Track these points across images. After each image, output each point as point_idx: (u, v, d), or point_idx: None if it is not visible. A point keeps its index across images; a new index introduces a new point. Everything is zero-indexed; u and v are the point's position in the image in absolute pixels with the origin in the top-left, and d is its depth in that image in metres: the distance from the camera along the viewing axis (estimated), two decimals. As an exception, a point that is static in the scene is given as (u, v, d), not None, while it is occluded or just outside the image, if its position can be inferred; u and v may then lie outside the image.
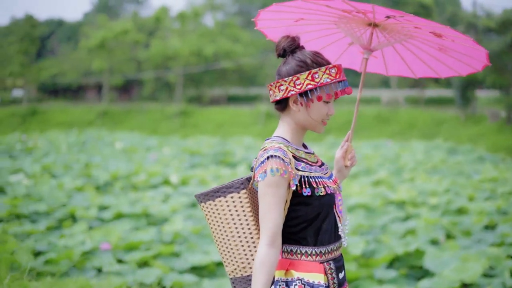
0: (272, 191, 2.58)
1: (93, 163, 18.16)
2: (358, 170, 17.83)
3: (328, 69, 2.71)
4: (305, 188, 2.66)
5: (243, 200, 2.76)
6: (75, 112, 43.48)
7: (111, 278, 6.93)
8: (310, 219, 2.68)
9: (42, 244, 8.65)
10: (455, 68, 3.26)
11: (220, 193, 2.78)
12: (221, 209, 2.79)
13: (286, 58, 2.77)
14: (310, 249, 2.69)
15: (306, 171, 2.70)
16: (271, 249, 2.57)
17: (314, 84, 2.68)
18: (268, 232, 2.58)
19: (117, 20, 49.79)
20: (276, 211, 2.59)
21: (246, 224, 2.75)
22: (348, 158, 3.08)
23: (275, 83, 2.74)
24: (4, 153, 21.22)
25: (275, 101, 2.77)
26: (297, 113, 2.75)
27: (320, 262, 2.70)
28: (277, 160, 2.59)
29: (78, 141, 26.93)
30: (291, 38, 2.77)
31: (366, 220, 10.45)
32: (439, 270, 7.21)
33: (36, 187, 13.30)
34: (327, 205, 2.71)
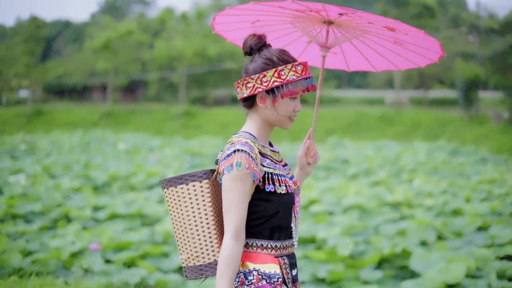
0: (237, 186, 2.62)
1: (93, 164, 18.22)
2: (358, 171, 17.84)
3: (294, 66, 2.75)
4: (268, 184, 2.71)
5: (204, 190, 2.79)
6: (80, 113, 43.61)
7: (97, 278, 6.98)
8: (268, 215, 2.73)
9: (34, 244, 8.69)
10: (413, 60, 3.28)
11: (183, 180, 2.81)
12: (182, 196, 2.81)
13: (253, 56, 2.81)
14: (266, 242, 2.74)
15: (271, 168, 2.75)
16: (236, 243, 2.61)
17: (281, 81, 2.71)
18: (233, 227, 2.62)
19: (122, 21, 49.90)
20: (241, 206, 2.63)
21: (205, 214, 2.78)
22: (310, 155, 3.10)
23: (242, 80, 2.78)
24: (6, 153, 21.33)
25: (242, 98, 2.80)
26: (264, 110, 2.78)
27: (275, 256, 2.75)
28: (244, 154, 2.64)
29: (81, 142, 27.03)
30: (257, 36, 2.82)
31: (359, 220, 10.46)
32: (424, 271, 7.21)
33: (33, 187, 13.36)
34: (286, 204, 2.75)
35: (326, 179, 16.42)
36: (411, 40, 3.10)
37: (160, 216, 10.86)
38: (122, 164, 18.06)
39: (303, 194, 12.69)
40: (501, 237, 8.70)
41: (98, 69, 46.52)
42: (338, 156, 20.75)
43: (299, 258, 8.04)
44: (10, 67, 48.56)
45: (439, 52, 3.13)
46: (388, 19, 2.84)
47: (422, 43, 3.10)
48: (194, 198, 2.79)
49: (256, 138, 2.80)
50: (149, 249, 8.15)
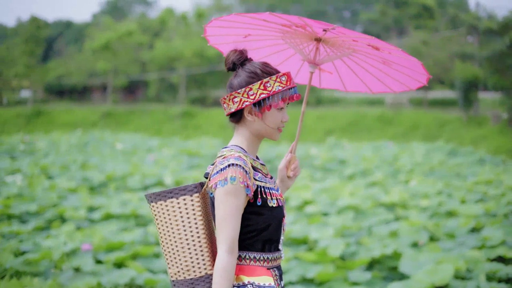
0: (231, 200, 2.64)
1: (90, 164, 18.24)
2: (354, 171, 17.85)
3: (279, 77, 2.79)
4: (259, 198, 2.74)
5: (195, 204, 2.80)
6: (80, 113, 43.68)
7: (86, 279, 7.01)
8: (260, 229, 2.76)
9: (27, 244, 8.72)
10: (403, 82, 3.33)
11: (173, 194, 2.81)
12: (172, 210, 2.81)
13: (236, 71, 2.85)
14: (258, 254, 2.77)
15: (262, 182, 2.78)
16: (231, 256, 2.63)
17: (267, 93, 2.76)
18: (227, 240, 2.63)
19: (123, 22, 50.00)
20: (235, 220, 2.65)
21: (195, 227, 2.79)
22: (291, 168, 3.13)
23: (228, 96, 2.81)
24: (5, 154, 21.33)
25: (230, 113, 2.84)
26: (252, 123, 2.83)
27: (267, 268, 2.79)
28: (238, 168, 2.66)
29: (80, 142, 27.04)
30: (239, 51, 2.86)
31: (353, 222, 10.48)
32: (413, 272, 7.23)
33: (29, 187, 13.39)
34: (277, 217, 2.80)
35: (323, 180, 16.44)
36: (396, 60, 3.14)
37: (155, 217, 10.85)
38: (119, 165, 18.08)
39: (298, 194, 12.71)
40: (494, 238, 8.72)
41: (98, 70, 46.62)
42: (335, 157, 20.75)
43: (290, 259, 8.06)
44: (10, 68, 48.62)
45: (424, 73, 3.17)
46: (367, 36, 2.88)
47: (406, 63, 3.14)
48: (185, 212, 2.80)
49: (247, 152, 2.83)
50: (140, 250, 8.17)
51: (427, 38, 35.16)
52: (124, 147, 24.59)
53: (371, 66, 3.27)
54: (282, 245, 2.93)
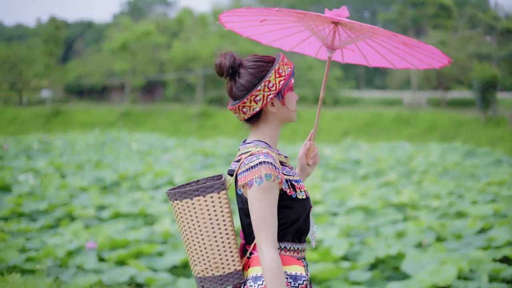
0: (267, 197, 2.63)
1: (104, 164, 18.36)
2: (368, 172, 17.78)
3: (282, 60, 2.77)
4: (291, 191, 2.72)
5: (222, 201, 2.78)
6: (98, 113, 43.95)
7: (88, 276, 7.06)
8: (291, 222, 2.75)
9: (34, 242, 8.81)
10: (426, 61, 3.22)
11: (200, 192, 2.79)
12: (199, 208, 2.79)
13: (236, 75, 2.78)
14: (289, 244, 2.76)
15: (290, 175, 2.77)
16: (277, 252, 2.63)
17: (284, 78, 2.74)
18: (271, 237, 2.63)
19: (141, 22, 50.24)
20: (274, 216, 2.65)
21: (224, 224, 2.78)
22: (310, 156, 3.13)
23: (249, 97, 2.73)
24: (22, 153, 21.54)
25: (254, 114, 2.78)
26: (276, 114, 2.80)
27: (298, 259, 2.78)
28: (269, 166, 2.64)
29: (96, 142, 27.20)
30: (228, 55, 2.79)
31: (361, 222, 10.42)
32: (415, 273, 7.19)
33: (41, 186, 13.51)
34: (306, 208, 2.79)
35: (335, 180, 16.39)
36: (416, 44, 3.08)
37: (163, 216, 10.91)
38: (133, 164, 18.16)
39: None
40: (500, 239, 8.64)
41: (116, 70, 46.87)
42: (349, 157, 20.69)
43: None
44: (30, 68, 49.08)
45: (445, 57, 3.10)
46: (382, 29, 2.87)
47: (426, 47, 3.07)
48: (212, 209, 2.78)
49: (271, 147, 2.81)
50: (143, 248, 8.21)
51: (446, 38, 34.94)
52: (139, 147, 24.69)
53: (393, 46, 3.21)
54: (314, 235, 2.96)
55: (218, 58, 2.79)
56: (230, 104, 2.83)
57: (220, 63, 2.78)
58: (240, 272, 2.80)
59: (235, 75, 2.78)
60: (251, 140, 2.83)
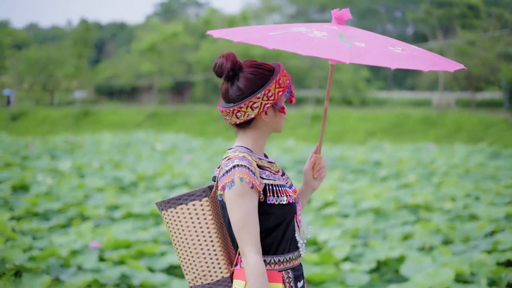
0: (244, 201, 2.61)
1: (124, 164, 18.52)
2: (388, 173, 17.66)
3: (283, 71, 2.78)
4: (269, 196, 2.70)
5: (204, 208, 2.79)
6: (126, 113, 44.33)
7: (86, 276, 7.15)
8: (270, 228, 2.72)
9: (42, 242, 8.94)
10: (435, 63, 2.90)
11: (182, 200, 2.81)
12: (183, 217, 2.81)
13: (237, 78, 2.75)
14: (269, 258, 2.73)
15: (271, 179, 2.74)
16: (260, 257, 2.61)
17: (283, 89, 2.75)
18: (253, 242, 2.61)
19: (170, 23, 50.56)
20: (255, 219, 2.63)
21: (208, 232, 2.78)
22: (316, 169, 3.08)
23: (246, 103, 2.70)
24: (46, 153, 21.82)
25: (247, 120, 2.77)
26: (266, 123, 2.81)
27: (279, 271, 2.73)
28: (243, 169, 2.63)
29: (122, 142, 27.45)
30: (230, 56, 2.75)
31: (371, 224, 10.36)
32: (414, 275, 7.14)
33: (58, 186, 13.68)
34: (288, 214, 2.75)
35: (353, 182, 16.31)
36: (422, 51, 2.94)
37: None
38: (153, 165, 18.29)
39: (321, 195, 12.66)
40: (506, 242, 8.53)
41: (143, 71, 47.24)
42: (369, 159, 20.57)
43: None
44: (60, 69, 49.73)
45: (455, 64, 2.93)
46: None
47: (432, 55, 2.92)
48: (196, 217, 2.79)
49: (252, 151, 2.79)
50: (144, 248, 8.28)
51: (474, 38, 34.54)
52: (163, 147, 24.85)
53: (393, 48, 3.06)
54: (302, 243, 2.87)
55: (219, 58, 2.77)
56: (221, 105, 2.81)
57: (221, 63, 2.76)
58: (228, 280, 2.80)
59: (234, 77, 2.76)
60: (235, 145, 2.83)
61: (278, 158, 20.29)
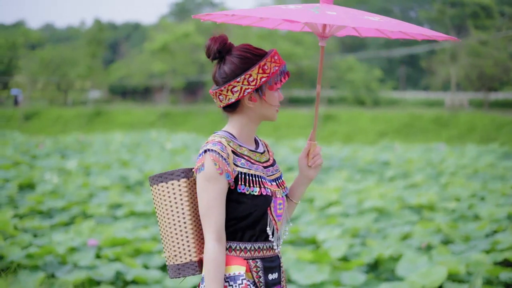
0: (210, 186, 2.61)
1: (132, 163, 18.58)
2: (395, 173, 17.61)
3: (272, 57, 2.72)
4: (240, 185, 2.67)
5: (182, 189, 2.77)
6: (138, 113, 44.50)
7: (81, 273, 7.19)
8: (240, 217, 2.69)
9: (42, 239, 8.99)
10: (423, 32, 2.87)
11: (163, 178, 2.82)
12: (162, 195, 2.81)
13: (223, 60, 2.74)
14: (235, 244, 2.71)
15: (245, 168, 2.70)
16: (220, 245, 2.60)
17: (267, 76, 2.70)
18: (213, 228, 2.60)
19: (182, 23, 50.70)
20: (219, 206, 2.62)
21: (182, 213, 2.76)
22: (311, 157, 2.97)
23: (226, 86, 2.69)
24: (56, 152, 21.97)
25: (229, 104, 2.75)
26: (252, 109, 2.76)
27: (245, 258, 2.70)
28: (214, 154, 2.61)
29: (132, 142, 27.53)
30: (219, 38, 2.74)
31: (371, 223, 10.32)
32: (408, 275, 7.11)
33: (64, 185, 13.75)
34: (260, 206, 2.70)
35: (360, 182, 16.26)
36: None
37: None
38: (161, 164, 18.33)
39: (325, 195, 12.63)
40: (505, 242, 8.48)
41: (155, 71, 47.40)
42: (378, 159, 20.51)
43: (291, 259, 7.99)
44: (73, 69, 50.04)
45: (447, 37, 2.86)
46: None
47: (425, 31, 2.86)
48: (173, 197, 2.78)
49: (235, 138, 2.77)
50: (141, 246, 8.31)
51: (487, 38, 34.34)
52: (173, 147, 24.88)
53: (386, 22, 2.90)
54: (277, 236, 2.83)
55: (209, 40, 2.76)
56: (211, 89, 2.80)
57: (209, 45, 2.76)
58: (196, 264, 2.78)
59: (221, 60, 2.75)
60: (221, 130, 2.82)
61: (287, 157, 20.27)
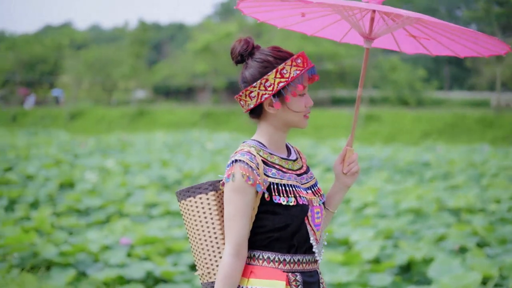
0: (237, 197, 2.50)
1: (171, 162, 18.69)
2: (436, 174, 17.35)
3: (294, 60, 2.58)
4: (275, 195, 2.55)
5: (210, 202, 2.65)
6: (181, 113, 44.78)
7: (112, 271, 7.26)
8: (276, 229, 2.56)
9: (77, 237, 9.12)
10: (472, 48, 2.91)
11: (190, 192, 2.70)
12: (191, 210, 2.70)
13: (246, 63, 2.66)
14: (273, 254, 2.58)
15: (277, 178, 2.58)
16: (236, 260, 2.49)
17: (286, 80, 2.56)
18: (233, 242, 2.49)
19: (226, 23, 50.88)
20: (242, 219, 2.50)
21: (212, 228, 2.65)
22: (346, 164, 2.81)
23: (244, 91, 2.63)
24: (99, 151, 22.26)
25: (249, 110, 2.67)
26: (275, 116, 2.64)
27: (284, 271, 2.57)
28: (242, 164, 2.51)
29: (174, 141, 27.70)
30: (244, 40, 2.67)
31: (406, 225, 10.18)
32: (440, 278, 6.98)
33: (102, 184, 13.91)
34: (296, 217, 2.57)
35: (399, 183, 16.06)
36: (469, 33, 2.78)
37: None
38: (201, 164, 18.39)
39: (362, 196, 12.52)
40: (544, 246, 8.29)
41: (198, 71, 47.67)
42: (418, 159, 20.24)
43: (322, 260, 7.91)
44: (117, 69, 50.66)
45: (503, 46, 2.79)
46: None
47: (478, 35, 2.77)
48: (202, 211, 2.67)
49: (265, 146, 2.66)
50: (173, 245, 8.34)
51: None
52: (214, 147, 24.95)
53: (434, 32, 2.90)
54: (318, 248, 2.69)
55: (234, 42, 2.69)
56: None
57: (232, 47, 2.69)
58: None
59: (245, 63, 2.67)
60: (251, 138, 2.72)
61: (328, 158, 20.14)
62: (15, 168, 16.25)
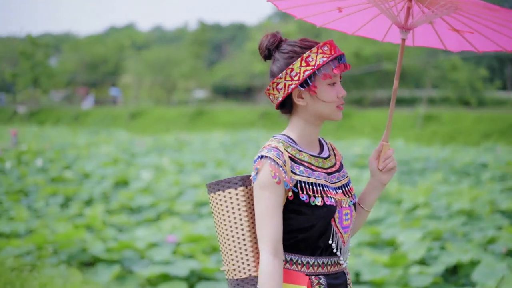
0: (266, 195, 2.41)
1: (225, 162, 18.81)
2: (493, 176, 16.95)
3: (320, 48, 2.48)
4: (301, 194, 2.45)
5: (239, 198, 2.55)
6: (239, 113, 44.96)
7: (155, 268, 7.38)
8: (301, 229, 2.48)
9: (127, 235, 9.31)
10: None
11: (219, 186, 2.62)
12: (219, 204, 2.60)
13: (273, 57, 2.59)
14: (296, 257, 2.50)
15: (304, 176, 2.48)
16: (276, 258, 2.39)
17: (311, 68, 2.46)
18: (269, 240, 2.40)
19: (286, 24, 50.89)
20: (274, 217, 2.41)
21: (240, 224, 2.55)
22: (382, 160, 2.68)
23: (271, 85, 2.56)
24: (155, 151, 22.58)
25: (279, 104, 2.58)
26: (306, 108, 2.54)
27: (307, 274, 2.48)
28: (269, 161, 2.42)
29: (231, 141, 27.87)
30: (271, 35, 2.61)
31: (457, 226, 10.02)
32: (485, 281, 6.86)
33: (156, 182, 14.12)
34: (323, 218, 2.46)
35: (454, 184, 15.78)
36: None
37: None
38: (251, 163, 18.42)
39: (414, 197, 12.36)
40: None
41: (256, 71, 47.79)
42: (475, 161, 19.83)
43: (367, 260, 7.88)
44: (177, 69, 51.23)
45: None
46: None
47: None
48: (230, 206, 2.57)
49: (294, 142, 2.55)
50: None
51: None
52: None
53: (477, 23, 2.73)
54: (344, 251, 2.59)
55: (262, 37, 2.63)
56: None
57: (260, 42, 2.64)
58: (255, 280, 2.52)
59: (273, 56, 2.60)
60: (281, 133, 2.62)
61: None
62: (74, 166, 16.68)
